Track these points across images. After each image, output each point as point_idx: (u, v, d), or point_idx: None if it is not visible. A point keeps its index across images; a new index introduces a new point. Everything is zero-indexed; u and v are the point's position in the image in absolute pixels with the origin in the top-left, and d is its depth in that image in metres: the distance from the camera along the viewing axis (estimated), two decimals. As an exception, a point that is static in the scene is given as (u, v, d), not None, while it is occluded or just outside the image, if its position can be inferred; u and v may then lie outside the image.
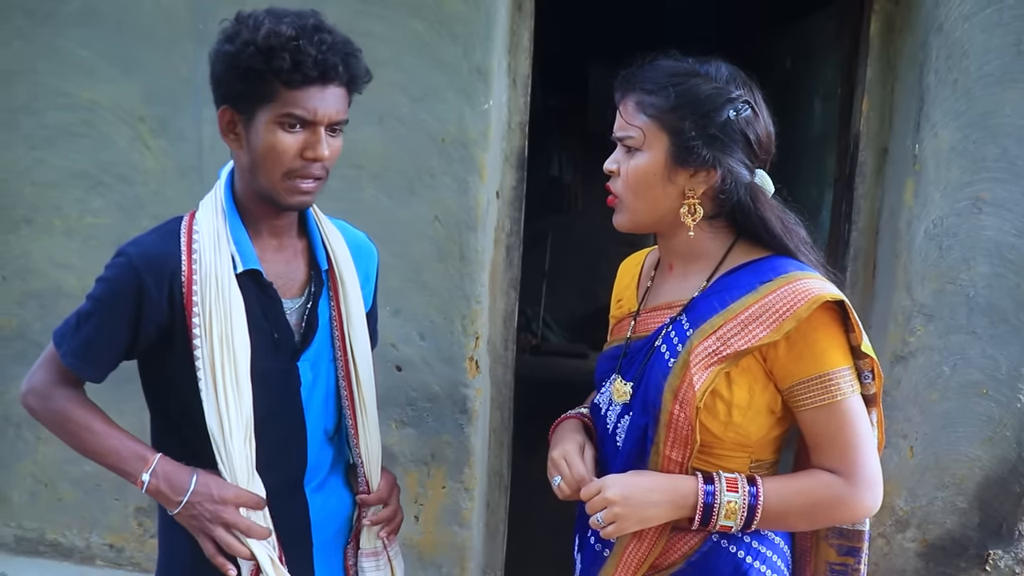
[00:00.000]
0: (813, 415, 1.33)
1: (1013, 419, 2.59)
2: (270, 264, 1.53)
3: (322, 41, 1.37)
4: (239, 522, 1.45)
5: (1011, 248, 2.51)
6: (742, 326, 1.32)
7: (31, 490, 2.91)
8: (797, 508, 1.34)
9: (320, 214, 1.62)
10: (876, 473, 1.34)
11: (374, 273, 1.73)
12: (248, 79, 1.37)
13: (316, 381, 1.57)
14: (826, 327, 1.32)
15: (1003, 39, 2.42)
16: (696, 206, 1.38)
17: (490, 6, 2.46)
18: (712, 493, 1.33)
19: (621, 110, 1.41)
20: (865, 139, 2.67)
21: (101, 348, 1.48)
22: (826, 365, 1.32)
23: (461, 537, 2.72)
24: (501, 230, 2.69)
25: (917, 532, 2.69)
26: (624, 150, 1.41)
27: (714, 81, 1.36)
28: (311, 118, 1.39)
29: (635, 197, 1.40)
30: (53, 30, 2.66)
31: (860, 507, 1.34)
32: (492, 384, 2.76)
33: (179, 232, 1.49)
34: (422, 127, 2.53)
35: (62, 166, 2.72)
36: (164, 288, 1.44)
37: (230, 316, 1.44)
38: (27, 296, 2.80)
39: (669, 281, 1.49)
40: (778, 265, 1.37)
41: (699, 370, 1.33)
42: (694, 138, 1.34)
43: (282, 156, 1.40)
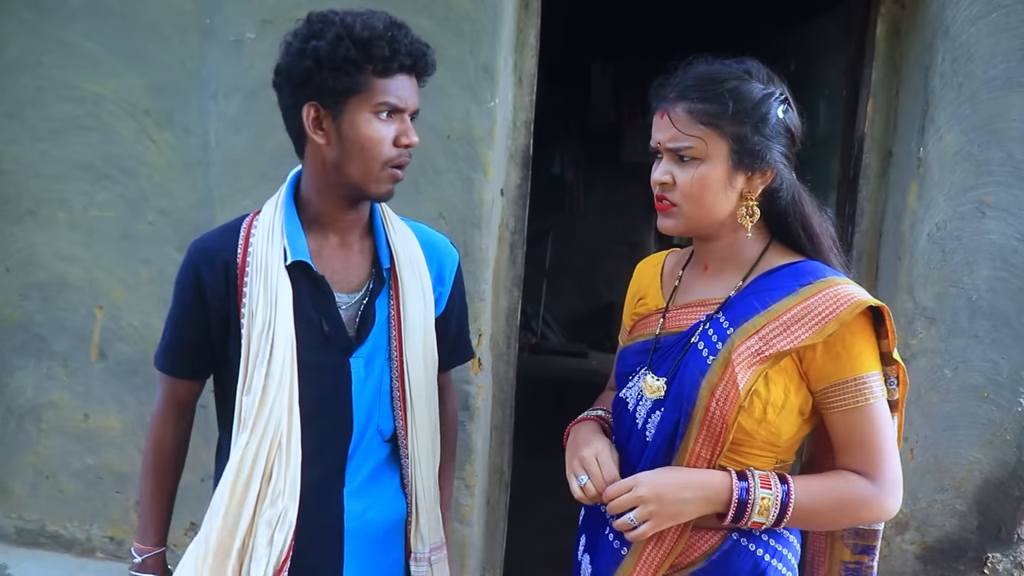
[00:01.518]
0: (844, 417, 1.37)
1: (1013, 423, 2.60)
2: (328, 260, 1.56)
3: (407, 34, 1.46)
4: None
5: (1014, 252, 2.51)
6: (784, 327, 1.35)
7: (32, 482, 2.92)
8: (826, 507, 1.37)
9: (389, 213, 1.65)
10: (899, 477, 1.38)
11: (451, 275, 1.73)
12: (344, 71, 1.42)
13: (369, 379, 1.58)
14: (863, 332, 1.36)
15: (1009, 43, 2.42)
16: (755, 207, 1.41)
17: (497, 4, 2.46)
18: (746, 489, 1.35)
19: (672, 119, 1.40)
20: (870, 142, 2.67)
21: (181, 343, 1.60)
22: (860, 369, 1.35)
23: (461, 534, 2.72)
24: (505, 228, 2.69)
25: (916, 535, 2.70)
26: (676, 160, 1.41)
27: (758, 80, 1.40)
28: (402, 106, 1.46)
29: (696, 205, 1.41)
30: (59, 23, 2.66)
31: (885, 508, 1.37)
32: (494, 381, 2.76)
33: (240, 227, 1.57)
34: (428, 124, 2.52)
35: (67, 159, 2.72)
36: (220, 277, 1.53)
37: (275, 305, 1.49)
38: (31, 288, 2.80)
39: (702, 279, 1.51)
40: (815, 269, 1.41)
41: (743, 369, 1.35)
42: (756, 142, 1.37)
43: (380, 145, 1.46)
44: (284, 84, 1.49)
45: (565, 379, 5.44)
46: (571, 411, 1.70)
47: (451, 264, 1.74)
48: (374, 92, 1.43)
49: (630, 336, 1.61)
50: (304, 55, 1.43)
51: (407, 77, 1.47)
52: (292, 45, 1.46)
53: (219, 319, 1.54)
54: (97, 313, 2.78)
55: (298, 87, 1.46)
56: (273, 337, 1.48)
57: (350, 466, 1.59)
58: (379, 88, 1.43)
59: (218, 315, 1.54)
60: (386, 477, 1.65)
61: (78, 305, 2.79)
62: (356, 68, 1.41)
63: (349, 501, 1.58)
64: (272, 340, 1.48)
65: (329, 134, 1.47)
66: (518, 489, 3.00)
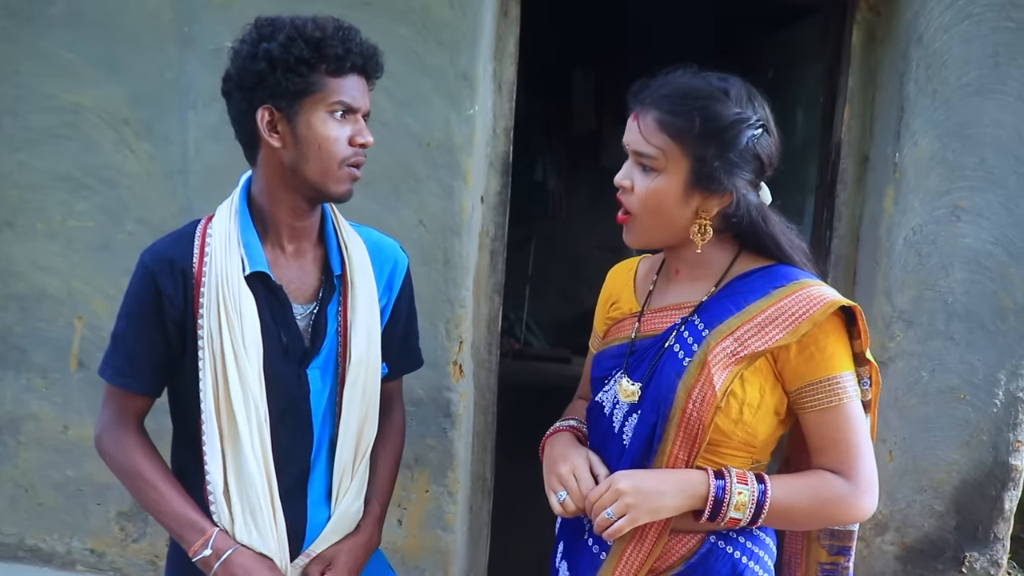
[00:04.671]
0: (819, 417, 1.38)
1: (989, 424, 2.63)
2: (284, 269, 1.54)
3: (357, 35, 1.47)
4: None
5: (988, 255, 2.55)
6: (759, 328, 1.37)
7: (11, 495, 2.89)
8: (803, 506, 1.38)
9: (340, 219, 1.64)
10: (874, 477, 1.39)
11: (399, 281, 1.71)
12: (297, 71, 1.41)
13: (324, 389, 1.57)
14: (836, 332, 1.37)
15: (981, 51, 2.46)
16: (707, 226, 1.41)
17: (476, 12, 2.47)
18: (723, 488, 1.35)
19: (640, 124, 1.40)
20: (847, 147, 2.70)
21: (141, 356, 1.52)
22: (834, 369, 1.37)
23: (444, 541, 2.72)
24: (486, 235, 2.70)
25: (896, 535, 2.72)
26: (639, 167, 1.41)
27: (735, 105, 1.37)
28: (356, 106, 1.47)
29: (649, 217, 1.42)
30: (37, 32, 2.65)
31: (861, 507, 1.38)
32: (476, 388, 2.77)
33: (194, 234, 1.53)
34: (407, 132, 2.54)
35: (46, 168, 2.71)
36: (179, 287, 1.49)
37: (241, 317, 1.46)
38: (9, 299, 2.78)
39: (675, 284, 1.52)
40: (788, 272, 1.42)
41: (719, 370, 1.36)
42: (717, 167, 1.36)
43: (336, 144, 1.45)
44: (234, 90, 1.47)
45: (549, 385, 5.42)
46: (554, 416, 1.70)
47: (401, 269, 1.71)
48: (328, 92, 1.43)
49: (604, 341, 1.61)
50: (256, 58, 1.42)
51: (358, 78, 1.47)
52: (241, 50, 1.45)
53: (176, 330, 1.50)
54: (76, 324, 2.76)
55: (250, 91, 1.44)
56: (247, 351, 1.46)
57: (313, 476, 1.58)
58: (333, 88, 1.44)
59: (175, 326, 1.49)
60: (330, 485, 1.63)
61: (57, 316, 2.77)
62: (309, 68, 1.42)
63: (312, 510, 1.58)
64: (247, 354, 1.46)
65: (284, 136, 1.45)
66: (501, 495, 3.00)
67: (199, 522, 1.49)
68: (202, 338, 1.47)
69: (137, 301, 1.51)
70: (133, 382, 1.53)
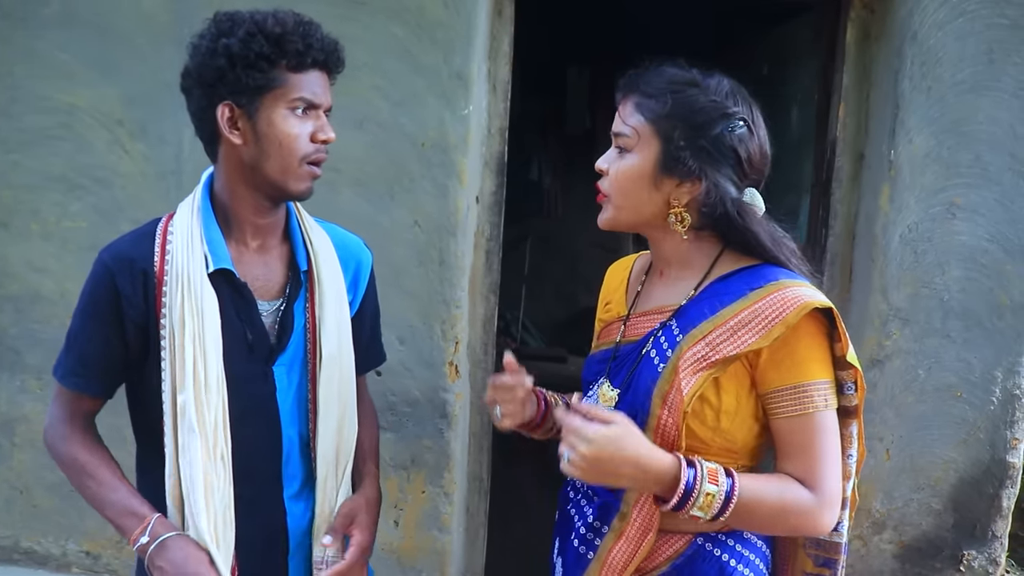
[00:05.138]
0: (786, 424, 1.33)
1: (986, 421, 2.63)
2: (248, 266, 1.52)
3: (317, 30, 1.44)
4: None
5: (984, 253, 2.55)
6: (731, 332, 1.33)
7: (6, 496, 2.88)
8: (767, 508, 1.33)
9: (304, 215, 1.62)
10: (838, 492, 1.33)
11: (365, 277, 1.70)
12: (257, 67, 1.39)
13: (291, 386, 1.55)
14: (811, 336, 1.33)
15: (976, 48, 2.46)
16: (683, 215, 1.39)
17: (471, 11, 2.47)
18: (694, 478, 1.29)
19: (620, 109, 1.42)
20: (842, 145, 2.70)
21: (95, 358, 1.49)
22: (804, 376, 1.32)
23: (441, 542, 2.72)
24: (481, 235, 2.69)
25: (893, 534, 2.72)
26: (617, 150, 1.42)
27: (713, 94, 1.37)
28: (318, 102, 1.44)
29: (621, 197, 1.41)
30: (32, 33, 2.64)
31: (821, 521, 1.33)
32: (472, 388, 2.76)
33: (154, 233, 1.50)
34: (402, 132, 2.53)
35: (40, 169, 2.70)
36: (138, 287, 1.45)
37: (202, 315, 1.44)
38: (3, 300, 2.77)
39: (659, 286, 1.50)
40: (768, 272, 1.37)
41: (687, 375, 1.33)
42: (683, 147, 1.35)
43: (297, 141, 1.43)
44: (194, 86, 1.44)
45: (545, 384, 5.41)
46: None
47: (365, 266, 1.70)
48: (288, 88, 1.41)
49: (596, 343, 1.61)
50: (215, 54, 1.40)
51: (320, 73, 1.45)
52: (201, 46, 1.43)
53: (137, 331, 1.46)
54: (71, 325, 2.76)
55: (210, 87, 1.42)
56: (205, 349, 1.44)
57: (286, 473, 1.56)
58: (293, 84, 1.41)
59: (135, 327, 1.46)
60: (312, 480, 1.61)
61: (51, 317, 2.76)
62: (269, 64, 1.39)
63: (290, 503, 1.56)
64: (204, 352, 1.44)
65: (245, 133, 1.43)
66: (498, 496, 2.99)
67: (138, 509, 1.45)
68: (164, 338, 1.45)
69: (93, 301, 1.47)
70: (84, 383, 1.50)
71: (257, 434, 1.52)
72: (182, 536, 1.43)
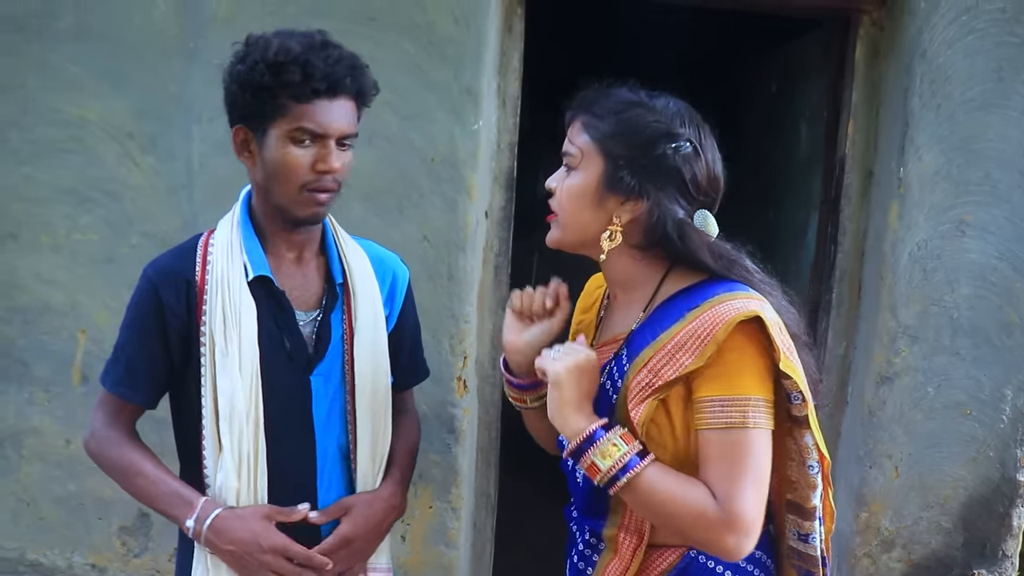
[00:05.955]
0: (708, 435, 1.29)
1: (996, 439, 2.62)
2: (286, 276, 1.56)
3: (329, 56, 1.42)
4: (288, 573, 1.47)
5: (993, 270, 2.54)
6: (670, 355, 1.31)
7: (12, 509, 2.88)
8: (665, 501, 1.29)
9: (340, 230, 1.65)
10: (748, 515, 1.26)
11: (401, 292, 1.72)
12: (259, 96, 1.41)
13: (327, 396, 1.57)
14: (741, 349, 1.29)
15: (985, 65, 2.46)
16: (617, 233, 1.39)
17: (481, 28, 2.48)
18: (601, 436, 1.31)
19: (569, 129, 1.45)
20: (851, 162, 2.71)
21: (141, 369, 1.54)
22: (732, 389, 1.28)
23: (448, 557, 2.71)
24: (490, 250, 2.70)
25: (903, 552, 2.70)
26: (565, 169, 1.44)
27: (658, 115, 1.38)
28: (321, 131, 1.43)
29: (566, 215, 1.42)
30: (44, 46, 2.66)
31: (718, 541, 1.27)
32: (479, 404, 2.76)
33: (196, 246, 1.55)
34: (412, 147, 2.54)
35: (50, 182, 2.71)
36: (181, 298, 1.50)
37: (239, 321, 1.47)
38: (12, 312, 2.78)
39: (615, 313, 1.51)
40: (708, 289, 1.35)
41: (635, 404, 1.33)
42: (623, 166, 1.36)
43: (296, 170, 1.44)
44: (224, 106, 1.51)
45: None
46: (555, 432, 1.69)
47: (402, 281, 1.73)
48: (290, 118, 1.42)
49: None
50: (232, 78, 1.45)
51: (330, 101, 1.43)
52: (226, 68, 1.48)
53: (180, 341, 1.51)
54: (80, 337, 2.76)
55: (228, 110, 1.48)
56: (240, 355, 1.47)
57: (320, 486, 1.58)
58: (295, 113, 1.42)
59: (179, 337, 1.51)
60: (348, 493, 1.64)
61: (60, 329, 2.76)
62: (270, 93, 1.41)
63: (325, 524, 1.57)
64: (240, 358, 1.47)
65: (254, 157, 1.47)
66: (505, 511, 2.98)
67: (187, 495, 1.49)
68: (204, 345, 1.49)
69: (138, 314, 1.53)
70: (131, 392, 1.55)
71: (292, 443, 1.55)
72: (229, 510, 1.47)
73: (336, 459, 1.60)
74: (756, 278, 1.38)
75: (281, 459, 1.52)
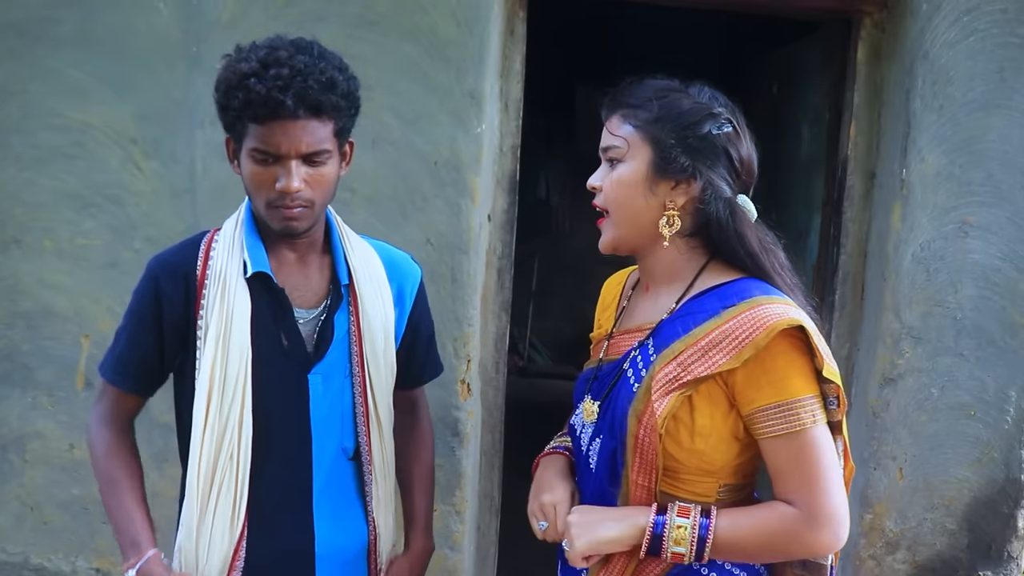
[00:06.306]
0: (773, 443, 1.31)
1: (1001, 440, 2.62)
2: (288, 275, 1.56)
3: (278, 76, 1.37)
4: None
5: (997, 271, 2.54)
6: (702, 352, 1.32)
7: (16, 513, 2.88)
8: (751, 542, 1.33)
9: (346, 231, 1.65)
10: (836, 509, 1.30)
11: (412, 292, 1.72)
12: (224, 114, 1.45)
13: (328, 395, 1.57)
14: (786, 353, 1.30)
15: (987, 66, 2.46)
16: (675, 218, 1.39)
17: (483, 31, 2.48)
18: (662, 524, 1.33)
19: (607, 125, 1.44)
20: (853, 163, 2.70)
21: (134, 357, 1.56)
22: (786, 393, 1.30)
23: (452, 561, 2.71)
24: (492, 253, 2.70)
25: (907, 554, 2.70)
26: (608, 165, 1.43)
27: (696, 98, 1.39)
28: (276, 152, 1.41)
29: (618, 208, 1.41)
30: (46, 51, 2.66)
31: (817, 544, 1.31)
32: (483, 407, 2.76)
33: (200, 241, 1.57)
34: (414, 150, 2.54)
35: (53, 187, 2.71)
36: (180, 290, 1.51)
37: (232, 316, 1.48)
38: (16, 317, 2.78)
39: (642, 303, 1.50)
40: (743, 289, 1.36)
41: (659, 396, 1.32)
42: (674, 147, 1.36)
43: (259, 188, 1.45)
44: None
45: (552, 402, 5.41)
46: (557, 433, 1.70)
47: (413, 281, 1.73)
48: (251, 137, 1.43)
49: (588, 361, 1.61)
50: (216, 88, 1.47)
51: (291, 121, 1.39)
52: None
53: (175, 333, 1.52)
54: (83, 342, 2.76)
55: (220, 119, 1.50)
56: (228, 348, 1.47)
57: (316, 487, 1.57)
58: (252, 133, 1.42)
59: (174, 328, 1.52)
60: (353, 499, 1.64)
61: (64, 334, 2.76)
62: (233, 114, 1.42)
63: (319, 525, 1.57)
64: (228, 351, 1.47)
65: (238, 167, 1.50)
66: (508, 514, 2.98)
67: (141, 542, 1.48)
68: (200, 339, 1.49)
69: (138, 302, 1.55)
70: (121, 379, 1.57)
71: (287, 442, 1.54)
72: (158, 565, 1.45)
73: (339, 461, 1.60)
74: (786, 274, 1.40)
75: (272, 456, 1.52)
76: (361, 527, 1.64)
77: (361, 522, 1.64)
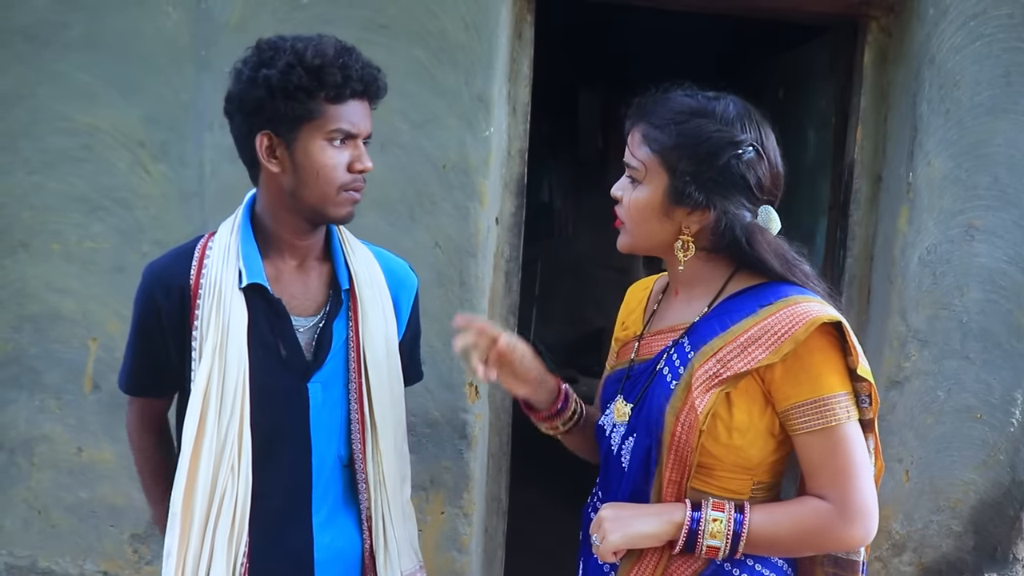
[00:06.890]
0: (808, 439, 1.34)
1: (1006, 443, 2.63)
2: (286, 284, 1.54)
3: (358, 59, 1.45)
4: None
5: (1003, 274, 2.55)
6: (741, 348, 1.34)
7: (24, 516, 2.88)
8: (785, 536, 1.35)
9: (347, 236, 1.64)
10: (868, 503, 1.32)
11: (408, 302, 1.72)
12: (296, 99, 1.41)
13: (327, 403, 1.56)
14: (823, 350, 1.33)
15: (993, 71, 2.47)
16: (689, 243, 1.41)
17: (491, 35, 2.49)
18: (698, 519, 1.34)
19: (629, 140, 1.44)
20: (859, 167, 2.71)
21: (142, 368, 1.60)
22: (822, 389, 1.32)
23: (460, 563, 2.71)
24: (500, 256, 2.70)
25: (913, 556, 2.71)
26: (629, 179, 1.44)
27: (720, 122, 1.37)
28: (355, 132, 1.46)
29: (635, 226, 1.44)
30: (54, 55, 2.67)
31: (849, 538, 1.34)
32: (491, 409, 2.76)
33: (194, 249, 1.55)
34: (423, 154, 2.55)
35: (61, 190, 2.71)
36: (175, 300, 1.51)
37: (228, 327, 1.47)
38: (23, 321, 2.78)
39: (674, 305, 1.52)
40: (779, 289, 1.38)
41: (700, 393, 1.34)
42: (689, 181, 1.36)
43: (334, 171, 1.45)
44: (236, 112, 1.48)
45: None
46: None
47: (409, 291, 1.72)
48: (327, 119, 1.43)
49: (614, 363, 1.62)
50: (255, 84, 1.42)
51: (359, 102, 1.46)
52: (243, 73, 1.45)
53: (176, 343, 1.52)
54: (91, 345, 2.76)
55: (250, 115, 1.45)
56: (226, 360, 1.46)
57: (315, 494, 1.56)
58: (331, 115, 1.43)
59: (174, 339, 1.52)
60: (349, 506, 1.62)
61: (71, 337, 2.77)
62: (308, 96, 1.41)
63: (318, 532, 1.56)
64: (225, 362, 1.46)
65: (283, 162, 1.46)
66: (516, 516, 2.99)
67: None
68: (195, 350, 1.49)
69: (139, 315, 1.56)
70: (137, 389, 1.65)
71: (288, 451, 1.53)
72: None
73: (335, 469, 1.59)
74: (811, 283, 1.41)
75: (272, 466, 1.51)
76: (355, 535, 1.62)
77: (355, 529, 1.62)
